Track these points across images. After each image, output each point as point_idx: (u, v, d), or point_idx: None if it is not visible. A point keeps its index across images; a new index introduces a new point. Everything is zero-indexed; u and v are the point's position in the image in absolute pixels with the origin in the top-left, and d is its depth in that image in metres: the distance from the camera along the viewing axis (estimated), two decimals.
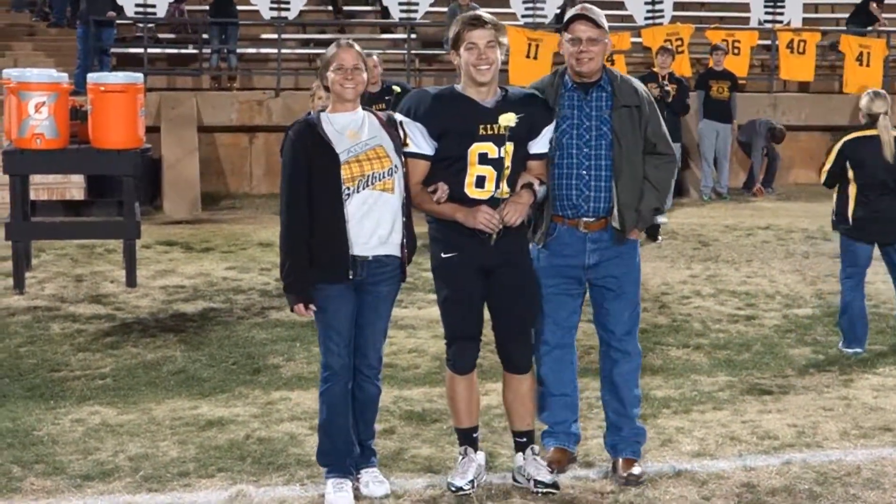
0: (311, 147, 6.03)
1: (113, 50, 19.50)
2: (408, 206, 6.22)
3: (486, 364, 8.90)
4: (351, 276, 6.07)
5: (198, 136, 18.15)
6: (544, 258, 6.44)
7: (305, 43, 21.89)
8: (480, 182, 6.11)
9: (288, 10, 20.36)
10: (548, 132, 6.28)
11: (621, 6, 22.03)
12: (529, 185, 6.20)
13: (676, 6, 21.77)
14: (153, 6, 19.98)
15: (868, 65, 20.43)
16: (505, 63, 20.85)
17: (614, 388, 6.65)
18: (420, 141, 6.15)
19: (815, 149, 20.59)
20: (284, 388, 8.29)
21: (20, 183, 11.59)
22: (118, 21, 19.59)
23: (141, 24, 19.96)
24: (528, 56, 19.21)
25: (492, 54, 6.06)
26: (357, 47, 6.16)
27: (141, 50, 19.52)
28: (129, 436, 7.22)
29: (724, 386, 8.40)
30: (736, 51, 20.06)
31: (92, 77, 11.77)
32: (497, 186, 6.10)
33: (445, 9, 20.56)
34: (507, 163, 6.11)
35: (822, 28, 21.71)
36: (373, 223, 6.08)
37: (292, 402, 7.95)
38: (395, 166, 6.11)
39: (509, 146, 6.10)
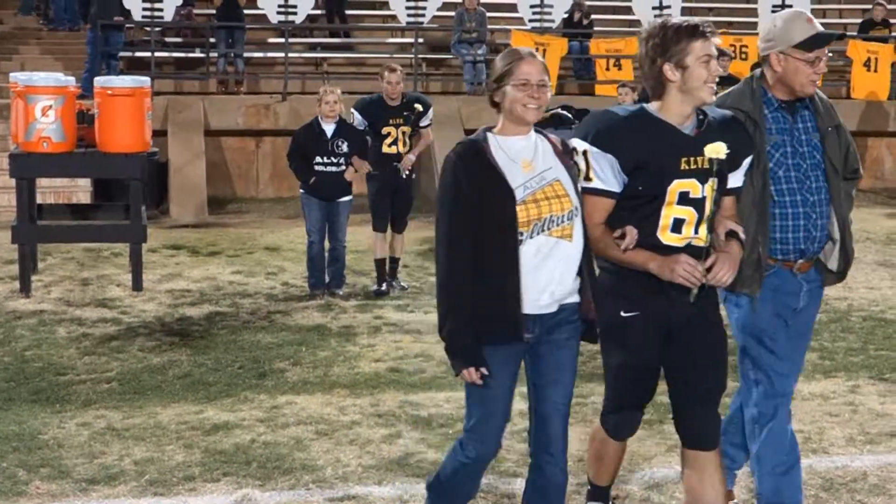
0: (481, 178, 4.87)
1: (120, 53, 19.53)
2: (588, 254, 5.07)
3: None
4: (525, 339, 4.96)
5: (205, 140, 18.16)
6: (764, 306, 5.39)
7: (312, 47, 21.90)
8: (678, 226, 5.02)
9: (295, 14, 20.37)
10: (747, 163, 5.22)
11: (629, 11, 22.05)
12: (734, 234, 5.11)
13: (684, 11, 21.74)
14: (161, 10, 20.00)
15: (875, 70, 20.41)
16: None
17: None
18: (608, 175, 4.99)
19: None
20: (290, 393, 8.29)
21: (27, 186, 11.60)
22: (126, 25, 19.61)
23: (148, 28, 19.97)
24: None
25: (716, 69, 5.00)
26: (541, 58, 5.04)
27: (148, 54, 19.54)
28: (135, 440, 7.22)
29: (730, 391, 8.36)
30: (744, 56, 20.06)
31: (99, 81, 11.79)
32: (696, 231, 5.03)
33: (452, 13, 20.57)
34: (709, 203, 5.04)
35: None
36: (546, 277, 4.93)
37: (298, 406, 7.95)
38: (576, 208, 4.96)
39: (713, 183, 5.02)
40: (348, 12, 22.10)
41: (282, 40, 20.16)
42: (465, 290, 4.87)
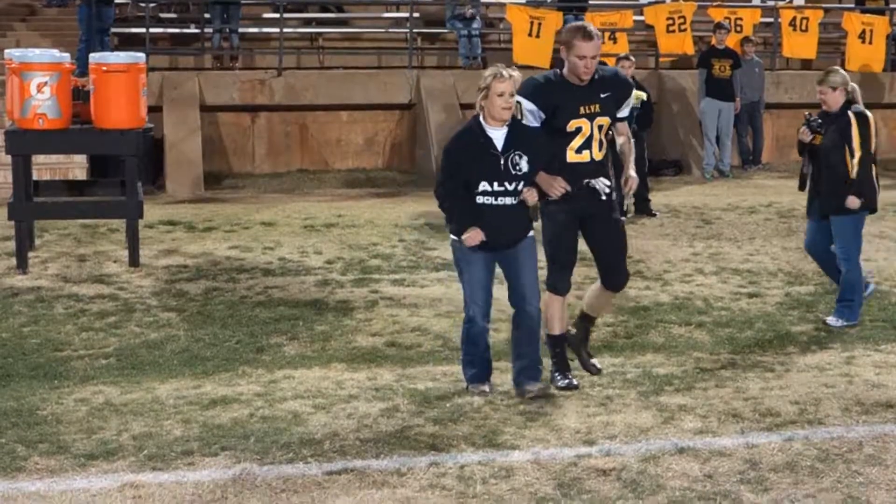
0: None
1: (115, 30, 19.44)
2: None
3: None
4: None
5: (200, 116, 18.12)
6: None
7: (307, 22, 21.84)
8: None
9: None
10: None
11: None
12: None
13: None
14: None
15: (870, 42, 20.38)
16: (508, 42, 20.85)
17: None
18: None
19: None
20: (288, 367, 8.31)
21: (23, 163, 11.60)
22: (119, 1, 19.55)
23: (143, 4, 19.91)
24: (530, 35, 19.18)
25: None
26: None
27: (143, 30, 19.47)
28: (133, 415, 7.24)
29: (726, 363, 8.41)
30: (738, 28, 20.01)
31: (94, 57, 11.76)
32: None
33: None
34: None
35: (824, 6, 21.66)
36: None
37: (295, 380, 7.97)
38: None
39: None
40: None
41: (277, 15, 20.11)
42: None
